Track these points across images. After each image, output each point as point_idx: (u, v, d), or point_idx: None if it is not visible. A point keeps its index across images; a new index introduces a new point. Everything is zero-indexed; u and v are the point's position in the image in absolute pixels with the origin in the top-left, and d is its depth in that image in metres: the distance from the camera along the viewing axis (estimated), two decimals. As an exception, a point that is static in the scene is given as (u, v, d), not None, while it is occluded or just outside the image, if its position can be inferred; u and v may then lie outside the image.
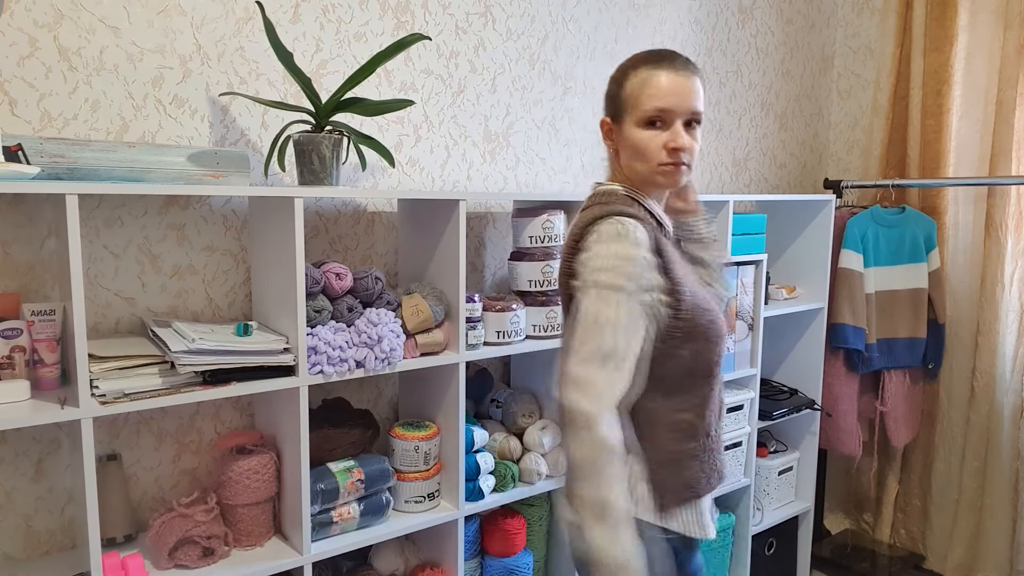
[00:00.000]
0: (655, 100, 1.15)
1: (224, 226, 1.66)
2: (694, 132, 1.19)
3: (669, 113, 1.15)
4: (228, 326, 1.53)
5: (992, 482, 2.63)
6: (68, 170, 1.31)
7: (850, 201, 2.87)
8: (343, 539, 1.60)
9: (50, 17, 1.42)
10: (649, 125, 1.17)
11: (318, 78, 1.77)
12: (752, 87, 2.79)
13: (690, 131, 1.18)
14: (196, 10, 1.59)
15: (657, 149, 1.16)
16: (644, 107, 1.16)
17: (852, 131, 3.06)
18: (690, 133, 1.18)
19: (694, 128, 1.19)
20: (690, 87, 1.16)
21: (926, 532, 2.86)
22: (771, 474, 2.58)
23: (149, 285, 1.58)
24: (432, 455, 1.75)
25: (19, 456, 1.46)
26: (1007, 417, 2.60)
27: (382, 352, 1.58)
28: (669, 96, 1.15)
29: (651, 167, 1.18)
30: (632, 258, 1.10)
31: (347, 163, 1.83)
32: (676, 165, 1.17)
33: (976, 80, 2.65)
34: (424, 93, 1.95)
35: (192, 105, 1.60)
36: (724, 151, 2.74)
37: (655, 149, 1.16)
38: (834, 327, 2.63)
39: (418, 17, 1.92)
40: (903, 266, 2.70)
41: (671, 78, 1.15)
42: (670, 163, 1.16)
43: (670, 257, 1.17)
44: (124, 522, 1.51)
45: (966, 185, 2.65)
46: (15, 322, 1.34)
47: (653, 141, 1.16)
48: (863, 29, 2.99)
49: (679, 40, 2.52)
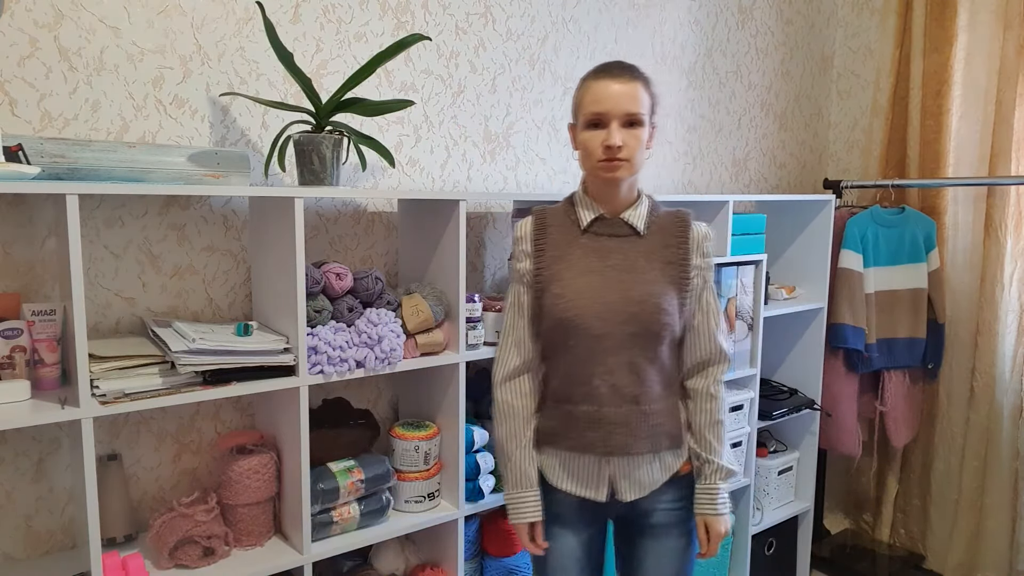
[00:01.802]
0: (593, 105, 1.33)
1: (224, 226, 1.66)
2: (635, 132, 1.33)
3: (605, 116, 1.32)
4: (228, 326, 1.53)
5: (992, 482, 2.63)
6: (68, 170, 1.31)
7: (850, 201, 2.87)
8: (343, 539, 1.60)
9: (50, 17, 1.42)
10: (591, 127, 1.34)
11: (318, 78, 1.77)
12: (752, 87, 2.79)
13: (630, 131, 1.33)
14: (196, 10, 1.59)
15: (596, 147, 1.33)
16: (586, 111, 1.34)
17: (852, 131, 3.06)
18: (630, 133, 1.33)
19: (636, 128, 1.33)
20: (626, 92, 1.32)
21: (926, 532, 2.86)
22: (771, 474, 2.58)
23: (149, 285, 1.58)
24: (432, 455, 1.75)
25: (19, 456, 1.46)
26: (1007, 417, 2.60)
27: (382, 352, 1.58)
28: (605, 100, 1.32)
29: (593, 164, 1.35)
30: (513, 252, 1.46)
31: (347, 163, 1.83)
32: (610, 161, 1.33)
33: (976, 80, 2.65)
34: (424, 93, 1.95)
35: (192, 105, 1.60)
36: (724, 151, 2.74)
37: (595, 148, 1.34)
38: (834, 327, 2.63)
39: (418, 17, 1.92)
40: (903, 266, 2.70)
41: (608, 85, 1.32)
42: (605, 159, 1.33)
43: (553, 248, 1.40)
44: (124, 522, 1.51)
45: (966, 185, 2.65)
46: (15, 322, 1.34)
47: (593, 141, 1.34)
48: (863, 29, 2.99)
49: (679, 40, 2.52)
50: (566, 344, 1.38)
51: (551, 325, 1.39)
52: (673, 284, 1.39)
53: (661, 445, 1.41)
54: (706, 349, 1.44)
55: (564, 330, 1.37)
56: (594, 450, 1.38)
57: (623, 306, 1.35)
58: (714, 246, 2.19)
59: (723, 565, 2.42)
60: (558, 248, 1.41)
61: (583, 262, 1.39)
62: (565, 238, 1.41)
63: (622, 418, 1.37)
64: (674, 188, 2.58)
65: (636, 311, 1.35)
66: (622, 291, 1.36)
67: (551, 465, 1.44)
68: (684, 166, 2.61)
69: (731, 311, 2.26)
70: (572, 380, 1.39)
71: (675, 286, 1.39)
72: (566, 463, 1.42)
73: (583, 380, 1.38)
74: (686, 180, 2.62)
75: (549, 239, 1.41)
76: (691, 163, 2.63)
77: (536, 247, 1.42)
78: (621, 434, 1.37)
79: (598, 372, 1.36)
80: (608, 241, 1.40)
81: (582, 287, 1.36)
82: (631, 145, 1.32)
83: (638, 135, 1.33)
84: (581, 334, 1.35)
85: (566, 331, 1.37)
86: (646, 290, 1.36)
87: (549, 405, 1.44)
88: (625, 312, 1.35)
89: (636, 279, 1.37)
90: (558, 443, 1.41)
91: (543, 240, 1.42)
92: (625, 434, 1.37)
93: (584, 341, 1.36)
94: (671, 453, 1.44)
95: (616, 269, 1.38)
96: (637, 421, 1.38)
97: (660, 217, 1.44)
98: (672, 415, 1.43)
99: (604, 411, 1.37)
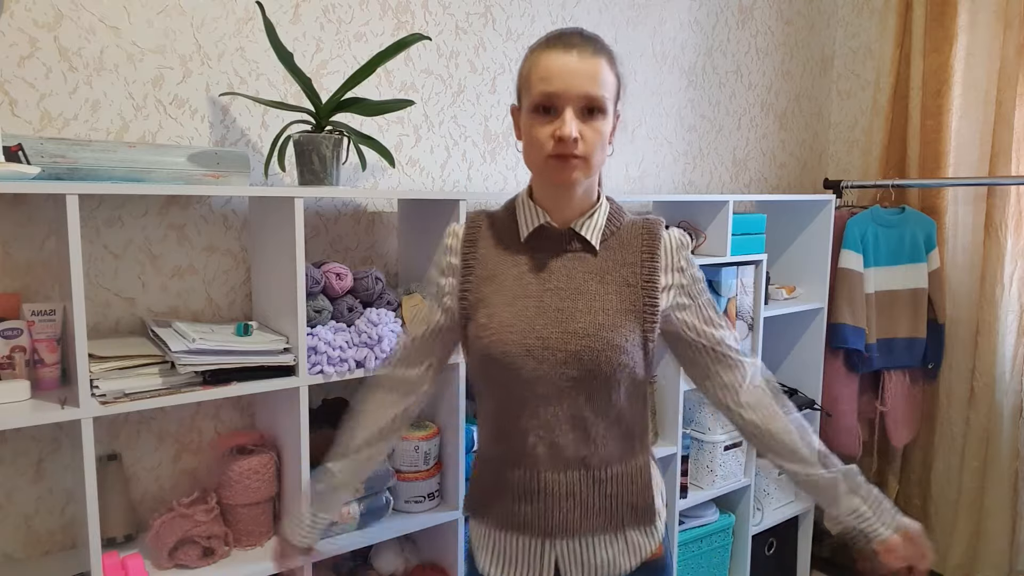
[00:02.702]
0: (543, 83, 1.00)
1: (224, 226, 1.66)
2: (595, 123, 1.01)
3: (558, 99, 1.00)
4: (228, 326, 1.53)
5: (992, 482, 2.63)
6: (68, 170, 1.31)
7: (850, 201, 2.86)
8: (343, 539, 1.60)
9: (50, 17, 1.42)
10: (539, 112, 1.02)
11: (318, 78, 1.77)
12: (752, 87, 2.79)
13: (589, 120, 1.01)
14: (196, 10, 1.59)
15: (544, 139, 1.01)
16: (533, 91, 1.02)
17: (852, 131, 3.06)
18: (588, 123, 1.01)
19: (597, 118, 1.01)
20: (586, 70, 0.99)
21: (926, 532, 2.85)
22: (771, 474, 2.58)
23: (149, 285, 1.58)
24: (432, 455, 1.75)
25: (19, 456, 1.46)
26: (1007, 417, 2.60)
27: (382, 352, 1.58)
28: (558, 79, 0.99)
29: (539, 160, 1.03)
30: (435, 263, 1.17)
31: (347, 163, 1.83)
32: (562, 158, 1.01)
33: (976, 80, 2.65)
34: (424, 93, 1.95)
35: (192, 105, 1.60)
36: (724, 151, 2.74)
37: (542, 139, 1.01)
38: (834, 327, 2.63)
39: (418, 17, 1.92)
40: (903, 266, 2.70)
41: (562, 59, 1.00)
42: (555, 155, 1.01)
43: (484, 264, 1.11)
44: (124, 522, 1.51)
45: (966, 185, 2.65)
46: (15, 322, 1.34)
47: (540, 130, 1.02)
48: (863, 29, 2.99)
49: (679, 40, 2.52)
50: (492, 389, 1.09)
51: (475, 363, 1.10)
52: (633, 313, 1.06)
53: (623, 520, 1.09)
54: (732, 366, 1.13)
55: (488, 371, 1.07)
56: (532, 530, 1.07)
57: (562, 342, 1.04)
58: (693, 254, 2.12)
59: (723, 566, 2.42)
60: (489, 265, 1.11)
61: (517, 284, 1.08)
62: (500, 253, 1.11)
63: (566, 487, 1.06)
64: (674, 188, 2.58)
65: (579, 349, 1.03)
66: (562, 323, 1.05)
67: (480, 546, 1.15)
68: (684, 166, 2.61)
69: (731, 311, 2.26)
70: (502, 435, 1.09)
71: (636, 315, 1.06)
72: (498, 545, 1.12)
73: (515, 436, 1.07)
74: (686, 180, 2.62)
75: (480, 252, 1.12)
76: (691, 163, 2.63)
77: (464, 261, 1.12)
78: (566, 508, 1.06)
79: (533, 427, 1.06)
80: (551, 258, 1.09)
81: (511, 317, 1.06)
82: (590, 139, 1.01)
83: (599, 127, 1.01)
84: (509, 377, 1.05)
85: (490, 372, 1.07)
86: (594, 321, 1.04)
87: (479, 463, 1.16)
88: (564, 350, 1.03)
89: (582, 307, 1.05)
90: (487, 517, 1.12)
91: (473, 253, 1.12)
92: (571, 508, 1.06)
93: (514, 386, 1.05)
94: (639, 531, 1.11)
95: (557, 294, 1.07)
96: (587, 491, 1.07)
97: (623, 228, 1.11)
98: (637, 480, 1.11)
99: (543, 477, 1.06)
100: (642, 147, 2.47)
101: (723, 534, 2.41)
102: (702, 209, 2.25)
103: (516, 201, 1.14)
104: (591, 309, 1.05)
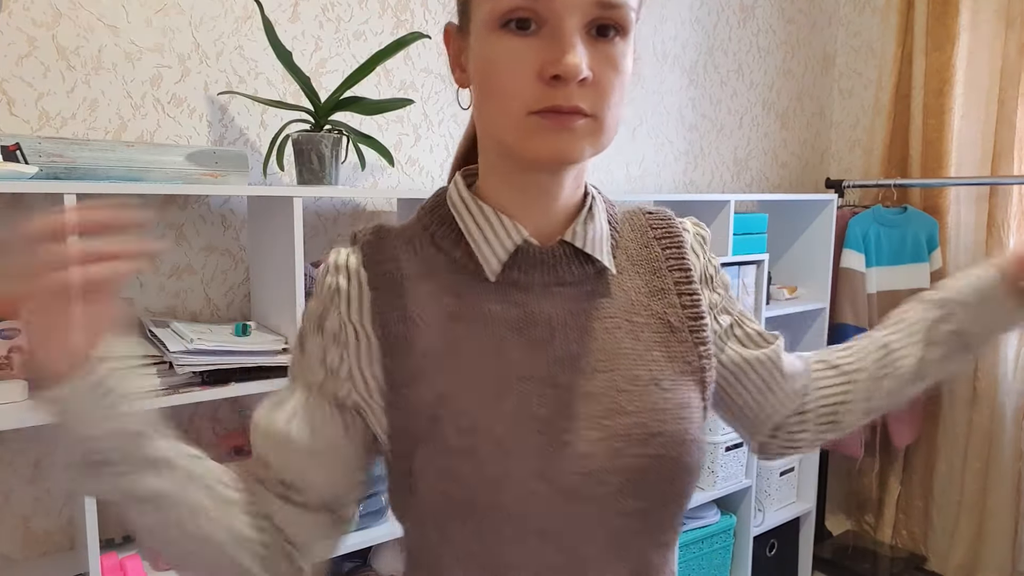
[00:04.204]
0: None
1: (223, 226, 1.66)
2: (611, 48, 0.55)
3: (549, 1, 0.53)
4: (227, 326, 1.53)
5: (994, 483, 2.62)
6: (66, 169, 1.30)
7: (852, 201, 2.86)
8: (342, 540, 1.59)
9: (48, 16, 1.42)
10: (509, 30, 0.55)
11: (317, 77, 1.76)
12: (753, 86, 2.78)
13: (599, 45, 0.55)
14: (195, 9, 1.58)
15: (524, 79, 0.55)
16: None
17: (854, 130, 3.05)
18: (599, 50, 0.55)
19: (612, 41, 0.56)
20: None
21: (928, 533, 2.85)
22: (772, 475, 2.57)
23: (147, 285, 1.57)
24: (432, 456, 1.74)
25: (17, 457, 1.46)
26: (1009, 418, 2.59)
27: (381, 352, 1.57)
28: None
29: (512, 120, 0.56)
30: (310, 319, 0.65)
31: (346, 162, 1.82)
32: (558, 115, 0.55)
33: (978, 79, 2.64)
34: (424, 92, 1.94)
35: (190, 104, 1.60)
36: (725, 150, 2.73)
37: (521, 80, 0.55)
38: (836, 327, 2.62)
39: (418, 15, 1.91)
40: (905, 266, 2.69)
41: None
42: (545, 110, 0.55)
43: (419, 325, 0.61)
44: (123, 523, 1.51)
45: (968, 185, 2.64)
46: (13, 322, 1.34)
47: (516, 63, 0.55)
48: (864, 28, 2.98)
49: (680, 39, 2.51)
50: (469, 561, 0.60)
51: (426, 514, 0.60)
52: (692, 375, 0.65)
53: None
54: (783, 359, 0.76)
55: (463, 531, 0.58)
56: None
57: (612, 457, 0.59)
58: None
59: (724, 566, 2.42)
60: (433, 325, 0.61)
61: (497, 358, 0.60)
62: (445, 300, 0.62)
63: None
64: (675, 188, 2.58)
65: (644, 463, 0.59)
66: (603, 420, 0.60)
67: None
68: (685, 165, 2.60)
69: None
70: None
71: (696, 378, 0.65)
72: None
73: None
74: (687, 180, 2.62)
75: (409, 301, 0.61)
76: (692, 162, 2.62)
77: (382, 319, 0.61)
78: None
79: None
80: (543, 301, 0.63)
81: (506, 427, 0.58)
82: (605, 80, 0.55)
83: (617, 59, 0.56)
84: (513, 539, 0.58)
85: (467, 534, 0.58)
86: (652, 404, 0.61)
87: None
88: (619, 471, 0.59)
89: (623, 383, 0.61)
90: None
91: (393, 303, 0.61)
92: None
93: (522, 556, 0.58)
94: None
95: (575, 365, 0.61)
96: None
97: (623, 232, 0.70)
98: None
99: None
100: (643, 146, 2.46)
101: (724, 535, 2.40)
102: (703, 209, 2.24)
103: (449, 207, 0.65)
104: (637, 382, 0.61)
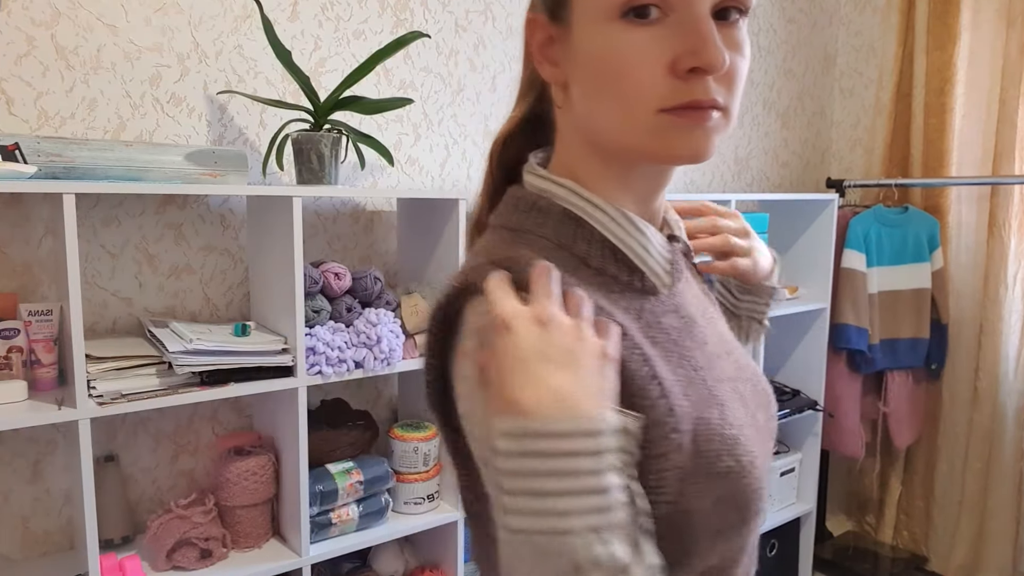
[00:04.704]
0: None
1: (222, 226, 1.65)
2: (737, 35, 0.54)
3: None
4: (226, 326, 1.52)
5: (995, 483, 2.62)
6: (65, 169, 1.30)
7: (853, 200, 2.85)
8: (342, 541, 1.59)
9: (47, 15, 1.42)
10: (629, 18, 0.52)
11: (317, 76, 1.76)
12: (754, 85, 2.78)
13: (724, 29, 0.53)
14: (194, 8, 1.58)
15: (653, 74, 0.52)
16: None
17: (855, 130, 3.04)
18: (727, 34, 0.53)
19: (737, 25, 0.54)
20: None
21: (929, 533, 2.84)
22: (773, 475, 2.56)
23: (146, 285, 1.57)
24: (432, 456, 1.74)
25: (16, 457, 1.45)
26: (1010, 418, 2.58)
27: (381, 352, 1.57)
28: None
29: (641, 118, 0.53)
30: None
31: (346, 162, 1.82)
32: (696, 111, 0.53)
33: (979, 79, 2.63)
34: (423, 91, 1.94)
35: (190, 104, 1.59)
36: (726, 150, 2.72)
37: (652, 74, 0.52)
38: (837, 327, 2.62)
39: (417, 15, 1.91)
40: (906, 266, 2.69)
41: None
42: (681, 106, 0.53)
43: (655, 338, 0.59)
44: (122, 523, 1.51)
45: (969, 184, 2.63)
46: (12, 322, 1.33)
47: (642, 54, 0.52)
48: (865, 27, 2.98)
49: (680, 39, 2.51)
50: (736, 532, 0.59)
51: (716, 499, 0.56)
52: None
53: None
54: None
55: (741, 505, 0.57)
56: None
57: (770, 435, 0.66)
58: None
59: (725, 566, 2.41)
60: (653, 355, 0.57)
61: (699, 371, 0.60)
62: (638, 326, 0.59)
63: None
64: (675, 187, 2.57)
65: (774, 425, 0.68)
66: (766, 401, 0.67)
67: None
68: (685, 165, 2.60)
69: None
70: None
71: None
72: None
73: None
74: (687, 179, 2.61)
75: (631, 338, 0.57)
76: (693, 162, 2.62)
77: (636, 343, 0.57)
78: None
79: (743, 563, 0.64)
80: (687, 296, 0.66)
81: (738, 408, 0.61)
82: (736, 67, 0.54)
83: (742, 43, 0.55)
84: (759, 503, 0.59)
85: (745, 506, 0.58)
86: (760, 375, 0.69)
87: None
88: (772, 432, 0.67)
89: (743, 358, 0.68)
90: None
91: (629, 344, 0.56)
92: None
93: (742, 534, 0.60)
94: None
95: (732, 356, 0.66)
96: None
97: None
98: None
99: None
100: (643, 146, 2.46)
101: (725, 535, 2.39)
102: (704, 208, 2.23)
103: (581, 217, 0.60)
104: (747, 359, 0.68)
